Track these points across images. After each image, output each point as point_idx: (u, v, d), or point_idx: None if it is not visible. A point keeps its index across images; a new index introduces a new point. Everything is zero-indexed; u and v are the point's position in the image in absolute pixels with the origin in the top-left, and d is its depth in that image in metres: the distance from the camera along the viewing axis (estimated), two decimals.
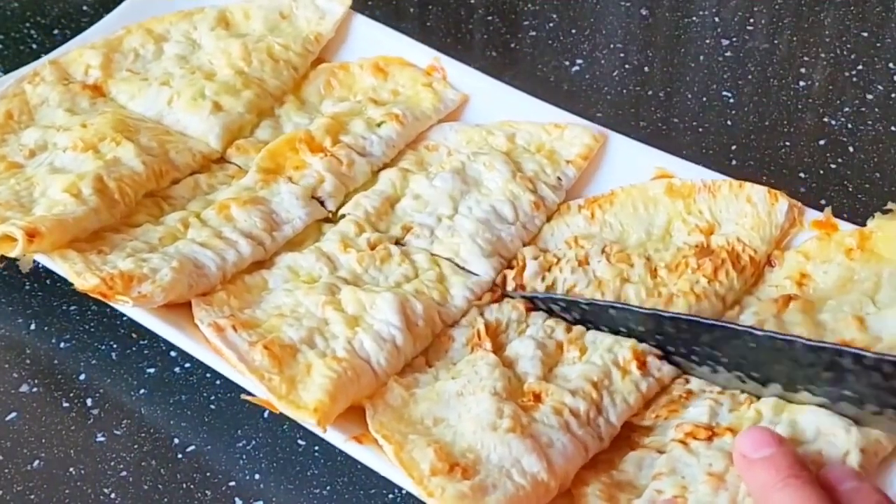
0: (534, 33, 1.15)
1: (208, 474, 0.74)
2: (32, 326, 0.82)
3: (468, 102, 0.97)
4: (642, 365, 0.74)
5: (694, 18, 1.18)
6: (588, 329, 0.77)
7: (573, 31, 1.15)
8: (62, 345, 0.83)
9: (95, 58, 0.97)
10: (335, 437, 0.69)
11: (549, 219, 0.87)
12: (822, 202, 0.92)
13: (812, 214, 0.84)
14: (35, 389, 0.81)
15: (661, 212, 0.86)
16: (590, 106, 1.06)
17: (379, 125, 0.91)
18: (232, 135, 0.92)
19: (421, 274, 0.80)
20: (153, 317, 0.76)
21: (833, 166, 1.00)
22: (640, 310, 0.75)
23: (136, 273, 0.75)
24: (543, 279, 0.81)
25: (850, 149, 1.02)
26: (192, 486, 0.75)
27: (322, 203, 0.86)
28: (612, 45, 1.14)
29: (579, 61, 1.12)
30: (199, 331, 0.75)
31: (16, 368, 0.82)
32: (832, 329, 0.76)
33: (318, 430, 0.68)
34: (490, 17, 1.17)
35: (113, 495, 0.74)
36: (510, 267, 0.82)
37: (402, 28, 1.01)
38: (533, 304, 0.79)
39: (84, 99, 0.94)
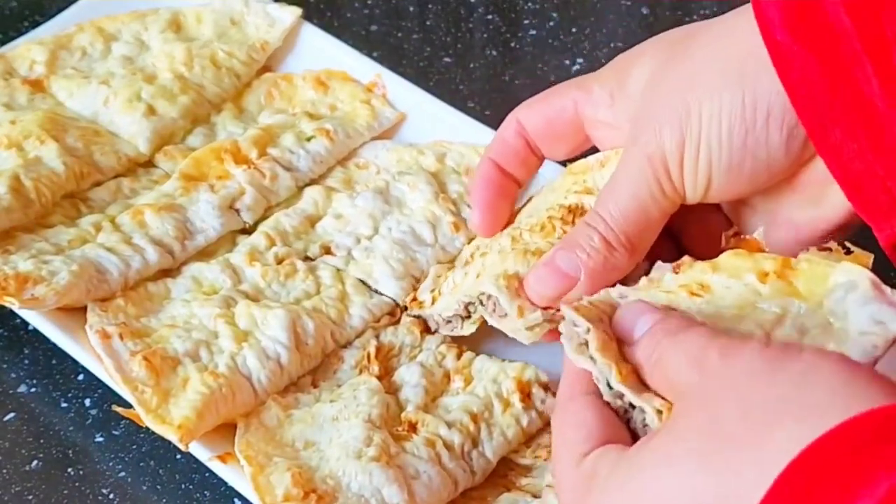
0: (534, 32, 1.13)
1: (207, 474, 0.74)
2: (31, 326, 0.81)
3: (406, 120, 0.95)
4: (526, 397, 0.73)
5: (695, 17, 1.15)
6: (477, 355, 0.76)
7: (574, 29, 1.14)
8: None
9: (41, 54, 0.97)
10: (201, 453, 0.69)
11: (470, 240, 0.85)
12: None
13: None
14: (33, 390, 0.81)
15: (554, 192, 0.79)
16: None
17: (308, 140, 0.91)
18: (163, 140, 0.91)
19: (323, 291, 0.80)
20: (43, 319, 0.76)
21: None
22: None
23: (33, 275, 0.75)
24: (433, 290, 0.79)
25: None
26: (190, 487, 0.75)
27: (240, 214, 0.86)
28: (612, 45, 1.11)
29: (580, 60, 1.10)
30: None
31: (14, 369, 0.82)
32: None
33: (181, 446, 0.68)
34: (490, 16, 1.15)
35: (112, 496, 0.75)
36: None
37: (403, 27, 0.99)
38: (427, 326, 0.79)
39: (23, 94, 0.94)
